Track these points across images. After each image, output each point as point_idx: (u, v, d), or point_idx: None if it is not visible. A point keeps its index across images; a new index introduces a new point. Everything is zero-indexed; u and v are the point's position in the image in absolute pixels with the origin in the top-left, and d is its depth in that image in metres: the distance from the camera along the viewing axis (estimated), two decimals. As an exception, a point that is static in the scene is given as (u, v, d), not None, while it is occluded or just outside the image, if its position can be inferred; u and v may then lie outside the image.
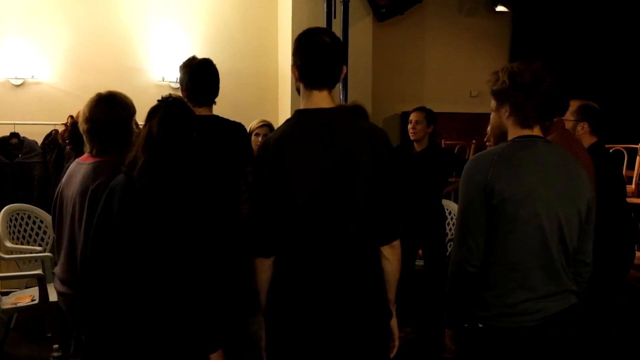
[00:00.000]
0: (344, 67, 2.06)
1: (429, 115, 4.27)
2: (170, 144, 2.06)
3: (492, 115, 2.11)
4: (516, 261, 1.91)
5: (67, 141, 2.72)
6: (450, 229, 4.73)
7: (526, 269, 1.90)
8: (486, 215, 1.91)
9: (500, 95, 2.02)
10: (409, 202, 4.19)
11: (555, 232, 1.92)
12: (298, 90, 2.08)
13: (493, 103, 2.07)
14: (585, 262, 2.08)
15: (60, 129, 5.09)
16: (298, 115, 2.02)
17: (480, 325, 1.95)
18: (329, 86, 2.02)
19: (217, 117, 2.86)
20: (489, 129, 2.15)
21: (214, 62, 2.88)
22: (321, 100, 1.99)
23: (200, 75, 2.81)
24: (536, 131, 2.00)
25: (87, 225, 2.24)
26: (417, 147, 4.32)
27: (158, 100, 2.13)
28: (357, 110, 3.20)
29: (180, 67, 2.87)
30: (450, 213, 4.93)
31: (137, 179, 2.03)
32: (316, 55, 1.98)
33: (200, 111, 2.79)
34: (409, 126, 4.30)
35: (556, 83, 1.98)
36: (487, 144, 2.56)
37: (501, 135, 2.07)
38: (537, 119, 1.99)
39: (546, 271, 1.92)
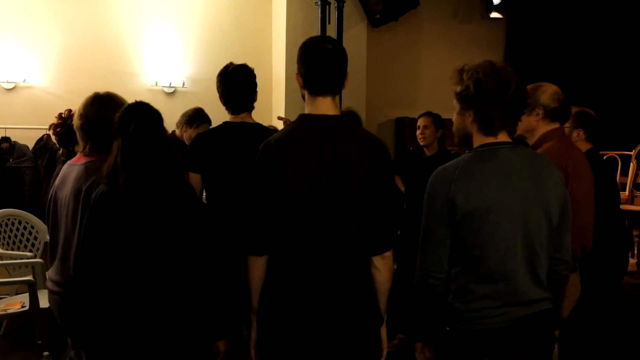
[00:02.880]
0: (348, 74, 2.07)
1: (436, 120, 4.24)
2: (151, 150, 2.10)
3: (456, 117, 2.07)
4: (481, 273, 1.91)
5: (57, 129, 2.73)
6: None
7: (492, 280, 1.91)
8: (450, 229, 1.92)
9: (464, 100, 1.99)
10: (416, 208, 4.18)
11: (522, 241, 1.91)
12: (303, 97, 2.10)
13: (456, 105, 2.04)
14: (562, 260, 2.06)
15: (50, 131, 5.05)
16: (301, 120, 2.05)
17: (448, 329, 1.96)
18: (333, 93, 2.04)
19: (259, 125, 2.85)
20: (453, 129, 2.11)
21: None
22: (325, 106, 2.02)
23: (234, 82, 2.80)
24: (501, 137, 1.98)
25: (81, 226, 2.23)
26: (427, 152, 4.29)
27: (125, 108, 2.14)
28: (350, 116, 3.20)
29: (217, 76, 2.86)
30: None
31: (122, 188, 2.05)
32: (320, 63, 2.00)
33: (242, 117, 2.81)
34: (418, 132, 4.27)
35: (521, 87, 1.96)
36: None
37: (465, 137, 2.05)
38: (502, 126, 1.97)
39: (512, 281, 1.91)
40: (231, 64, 2.87)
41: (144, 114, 2.12)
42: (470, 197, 1.88)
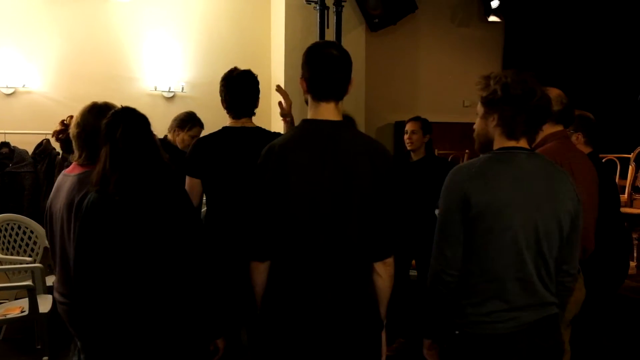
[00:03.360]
0: (352, 80, 2.07)
1: (424, 125, 4.28)
2: (139, 155, 2.10)
3: (478, 122, 2.10)
4: (492, 273, 1.93)
5: (59, 136, 2.73)
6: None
7: (502, 280, 1.92)
8: (464, 226, 1.94)
9: (490, 104, 2.02)
10: (404, 211, 4.19)
11: (532, 245, 1.93)
12: (307, 102, 2.10)
13: (480, 109, 2.07)
14: (569, 273, 2.07)
15: (52, 138, 5.06)
16: (304, 125, 2.05)
17: (457, 332, 1.98)
18: (336, 98, 2.04)
19: (259, 128, 2.86)
20: (475, 134, 2.14)
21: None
22: (328, 111, 2.02)
23: (237, 87, 2.82)
24: (522, 143, 2.01)
25: (75, 236, 2.24)
26: (414, 157, 4.33)
27: (111, 114, 2.14)
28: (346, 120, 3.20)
29: (220, 79, 2.88)
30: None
31: (112, 194, 2.05)
32: (324, 68, 2.01)
33: (242, 122, 2.83)
34: (405, 136, 4.31)
35: (546, 96, 2.00)
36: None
37: (486, 142, 2.07)
38: (525, 132, 2.00)
39: (522, 283, 1.93)
40: (235, 68, 2.87)
41: (130, 119, 2.12)
42: (484, 196, 1.90)
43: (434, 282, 2.00)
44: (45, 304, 3.86)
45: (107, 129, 2.10)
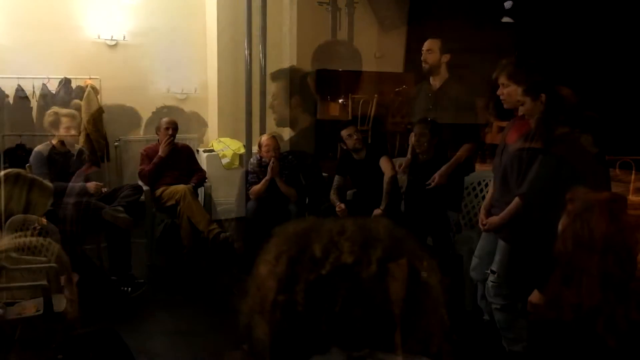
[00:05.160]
0: (362, 76, 2.05)
1: (432, 127, 4.25)
2: None
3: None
4: None
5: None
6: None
7: None
8: None
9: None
10: (415, 213, 4.21)
11: None
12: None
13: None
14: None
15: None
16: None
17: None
18: (344, 96, 2.01)
19: None
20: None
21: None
22: (336, 111, 1.99)
23: None
24: None
25: None
26: (422, 158, 4.33)
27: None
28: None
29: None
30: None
31: None
32: (329, 67, 1.98)
33: None
34: (414, 139, 4.31)
35: None
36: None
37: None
38: None
39: None
40: None
41: None
42: None
43: None
44: (59, 303, 3.89)
45: None
